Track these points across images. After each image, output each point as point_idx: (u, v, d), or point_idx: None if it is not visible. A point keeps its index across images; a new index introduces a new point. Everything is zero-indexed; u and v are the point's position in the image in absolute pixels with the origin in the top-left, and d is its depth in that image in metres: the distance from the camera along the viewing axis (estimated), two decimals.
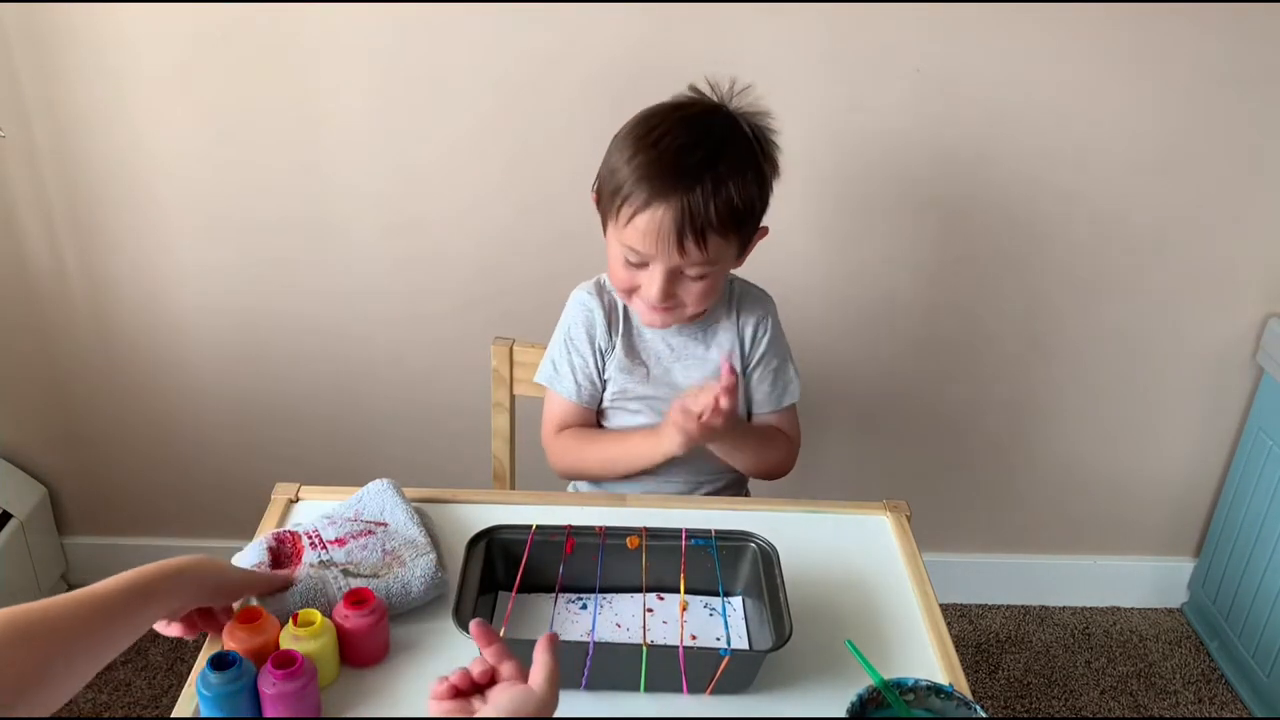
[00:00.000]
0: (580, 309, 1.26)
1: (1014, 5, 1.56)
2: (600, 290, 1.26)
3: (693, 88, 1.17)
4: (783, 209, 1.72)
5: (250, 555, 1.02)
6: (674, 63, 1.58)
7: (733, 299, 1.26)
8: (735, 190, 1.08)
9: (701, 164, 1.07)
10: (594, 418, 1.29)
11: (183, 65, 1.60)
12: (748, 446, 1.25)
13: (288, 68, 1.60)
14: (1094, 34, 1.59)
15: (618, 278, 1.18)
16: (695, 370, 1.25)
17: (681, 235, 1.08)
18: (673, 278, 1.13)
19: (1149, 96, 1.64)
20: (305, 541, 1.03)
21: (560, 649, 0.80)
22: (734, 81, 1.17)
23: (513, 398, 1.45)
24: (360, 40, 1.58)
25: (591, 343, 1.25)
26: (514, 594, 1.00)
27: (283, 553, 1.02)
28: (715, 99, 1.16)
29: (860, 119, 1.65)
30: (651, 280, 1.13)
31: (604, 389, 1.28)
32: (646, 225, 1.08)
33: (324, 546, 1.02)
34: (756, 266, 1.31)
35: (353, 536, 1.04)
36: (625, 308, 1.26)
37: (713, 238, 1.09)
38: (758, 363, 1.26)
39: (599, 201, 1.17)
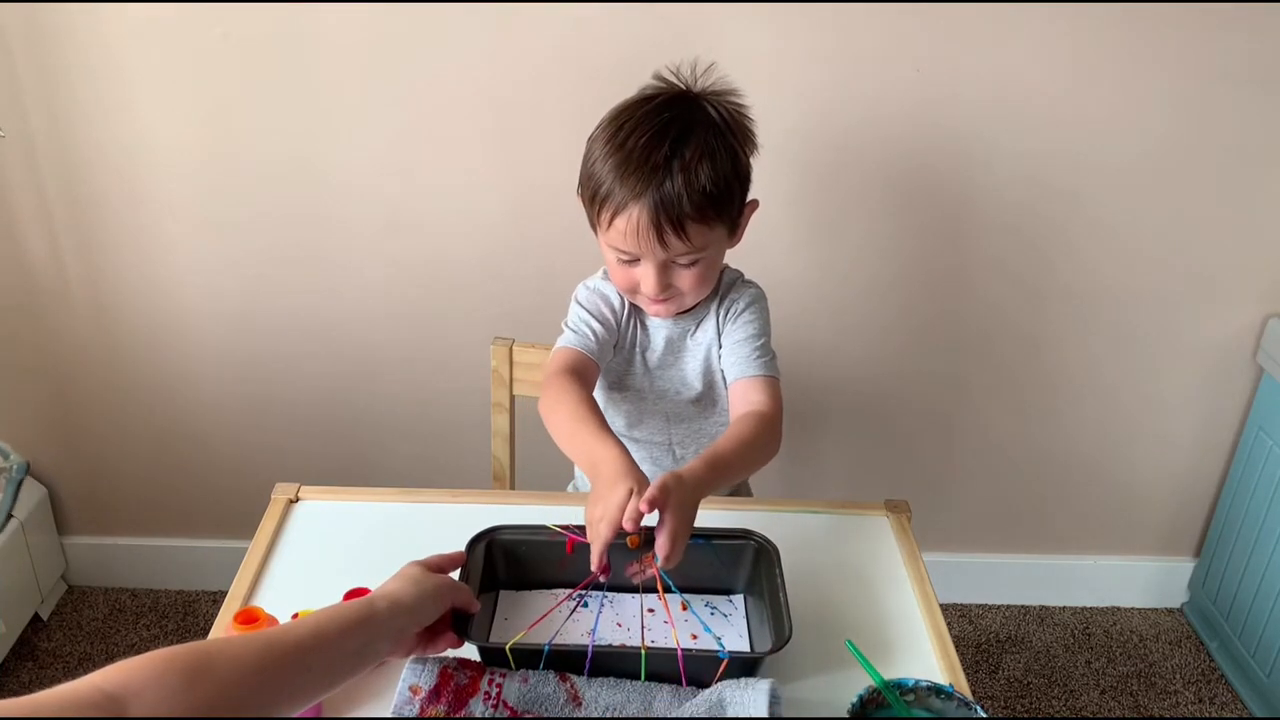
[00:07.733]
0: (593, 291, 1.26)
1: (1014, 5, 1.56)
2: (609, 279, 1.27)
3: (657, 76, 1.19)
4: (782, 210, 1.71)
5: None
6: (673, 61, 1.58)
7: (720, 290, 1.27)
8: (706, 176, 1.09)
9: (668, 156, 1.09)
10: (595, 370, 1.23)
11: (182, 65, 1.60)
12: (731, 476, 1.14)
13: (288, 68, 1.60)
14: (1093, 34, 1.59)
15: (616, 277, 1.20)
16: (689, 360, 1.26)
17: (660, 230, 1.10)
18: (665, 269, 1.15)
19: (1148, 96, 1.64)
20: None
21: None
22: (695, 63, 1.18)
23: (512, 398, 1.45)
24: (360, 40, 1.58)
25: (610, 307, 1.25)
26: (531, 592, 1.00)
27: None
28: (681, 85, 1.17)
29: (860, 121, 1.65)
30: (646, 275, 1.15)
31: (612, 354, 1.26)
32: (626, 226, 1.11)
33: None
34: (756, 268, 1.31)
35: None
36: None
37: (692, 226, 1.11)
38: (729, 330, 1.25)
39: (584, 205, 1.19)
